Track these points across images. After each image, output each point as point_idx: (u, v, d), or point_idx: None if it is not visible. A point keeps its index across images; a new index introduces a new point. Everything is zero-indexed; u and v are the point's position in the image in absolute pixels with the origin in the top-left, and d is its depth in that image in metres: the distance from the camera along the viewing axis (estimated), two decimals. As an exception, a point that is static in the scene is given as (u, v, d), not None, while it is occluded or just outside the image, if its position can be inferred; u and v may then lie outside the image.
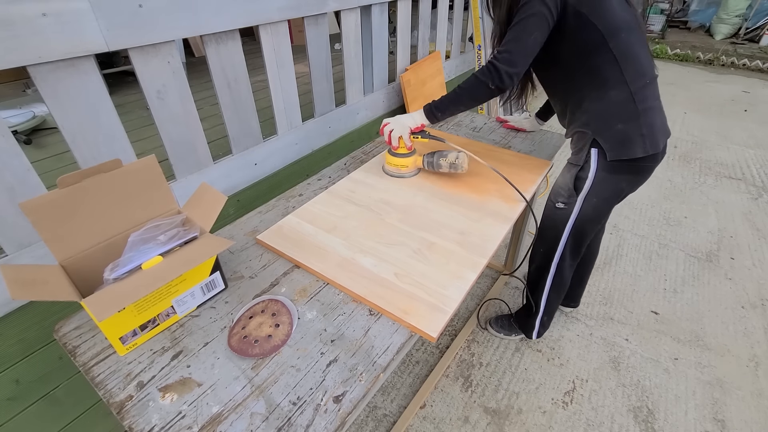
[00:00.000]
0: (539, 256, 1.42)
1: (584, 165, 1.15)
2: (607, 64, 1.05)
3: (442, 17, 2.53)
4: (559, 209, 1.26)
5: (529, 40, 1.01)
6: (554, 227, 1.30)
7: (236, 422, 0.65)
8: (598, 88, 1.08)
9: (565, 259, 1.35)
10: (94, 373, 0.72)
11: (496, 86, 1.05)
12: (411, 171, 1.30)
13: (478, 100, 1.12)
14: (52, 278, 0.71)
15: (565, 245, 1.31)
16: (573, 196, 1.21)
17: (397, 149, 1.26)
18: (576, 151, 1.19)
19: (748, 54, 5.10)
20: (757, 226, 2.40)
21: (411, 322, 0.81)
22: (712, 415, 1.45)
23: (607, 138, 1.10)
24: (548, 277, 1.41)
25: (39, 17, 0.87)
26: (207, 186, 0.91)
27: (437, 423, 1.43)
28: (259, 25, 1.36)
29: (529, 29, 1.01)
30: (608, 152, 1.10)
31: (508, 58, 1.02)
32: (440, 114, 1.18)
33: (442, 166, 1.24)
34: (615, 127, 1.08)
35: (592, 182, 1.16)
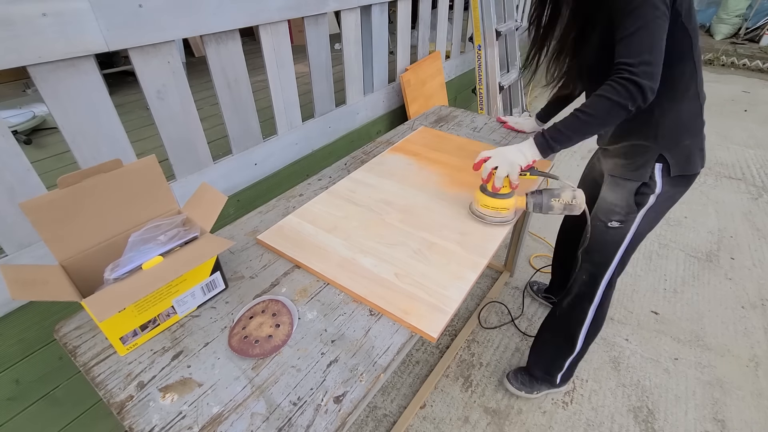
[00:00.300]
0: (580, 285, 1.26)
1: (649, 181, 1.05)
2: (688, 74, 0.96)
3: (442, 17, 2.52)
4: (612, 228, 1.13)
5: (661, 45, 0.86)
6: (605, 249, 1.17)
7: (237, 422, 0.65)
8: (672, 100, 0.98)
9: (612, 285, 1.22)
10: (95, 373, 0.72)
11: (637, 107, 0.88)
12: (512, 215, 1.07)
13: (611, 124, 0.94)
14: (52, 278, 0.71)
15: (615, 267, 1.18)
16: (633, 212, 1.10)
17: (498, 190, 1.02)
18: (635, 166, 1.07)
19: (748, 54, 5.10)
20: (757, 226, 2.40)
21: (411, 322, 0.81)
22: (712, 415, 1.45)
23: (675, 153, 1.01)
24: (591, 308, 1.25)
25: (39, 17, 0.87)
26: (207, 186, 0.91)
27: (437, 423, 1.43)
28: (259, 25, 1.35)
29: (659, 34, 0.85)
30: (673, 167, 1.02)
31: (650, 72, 0.85)
32: (559, 147, 0.99)
33: (553, 208, 1.02)
34: (683, 142, 1.01)
35: (657, 197, 1.07)
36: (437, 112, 1.83)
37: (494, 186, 1.02)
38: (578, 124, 0.94)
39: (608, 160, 1.17)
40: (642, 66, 0.85)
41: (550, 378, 1.44)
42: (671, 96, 0.97)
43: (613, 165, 1.14)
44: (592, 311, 1.26)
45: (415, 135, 1.58)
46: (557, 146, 0.98)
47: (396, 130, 1.66)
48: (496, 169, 1.01)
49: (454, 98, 2.92)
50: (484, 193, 1.05)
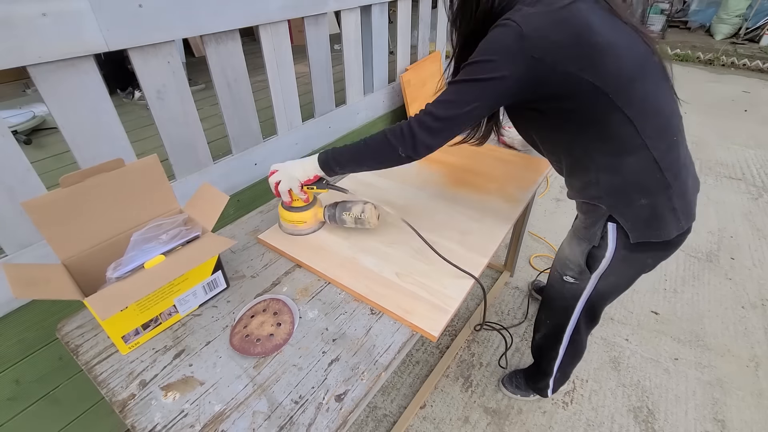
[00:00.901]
0: (546, 326, 1.24)
1: (600, 243, 0.92)
2: (619, 128, 0.78)
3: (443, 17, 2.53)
4: (567, 282, 1.05)
5: (467, 110, 0.78)
6: (562, 300, 1.10)
7: (238, 421, 0.65)
8: (608, 156, 0.83)
9: (579, 331, 1.16)
10: (97, 372, 0.72)
11: (407, 155, 0.83)
12: (311, 227, 1.07)
13: (383, 164, 0.89)
14: (54, 277, 0.71)
15: (578, 320, 1.11)
16: (585, 273, 1.00)
17: (290, 203, 1.03)
18: (587, 225, 0.94)
19: (749, 54, 5.11)
20: (757, 226, 2.40)
21: (412, 321, 0.81)
22: (712, 415, 1.45)
23: (629, 217, 0.86)
24: (560, 349, 1.22)
25: (39, 17, 0.87)
26: (209, 186, 0.91)
27: (437, 423, 1.43)
28: (259, 25, 1.36)
29: (468, 97, 0.77)
30: (631, 233, 0.87)
31: (430, 125, 0.80)
32: (338, 168, 0.94)
33: (345, 222, 1.03)
34: (637, 202, 0.84)
35: (610, 262, 0.94)
36: (437, 112, 1.82)
37: (282, 199, 1.03)
38: (356, 151, 0.90)
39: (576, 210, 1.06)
40: (427, 118, 0.80)
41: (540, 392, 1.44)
42: (609, 152, 0.82)
43: (576, 219, 1.05)
44: (562, 351, 1.23)
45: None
46: (337, 168, 0.94)
47: (396, 130, 1.66)
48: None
49: (454, 98, 2.91)
50: (282, 206, 1.06)
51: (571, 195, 1.00)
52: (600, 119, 0.79)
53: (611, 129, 0.79)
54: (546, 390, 1.40)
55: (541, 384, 1.40)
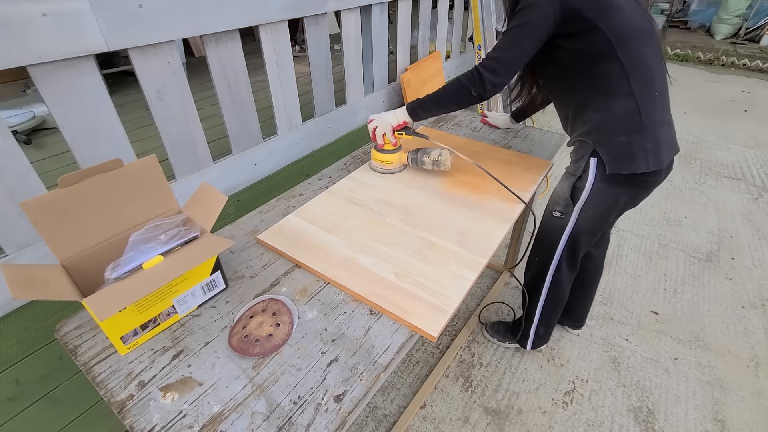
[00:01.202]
0: (535, 265, 1.38)
1: (582, 174, 1.11)
2: (613, 74, 0.99)
3: (442, 17, 2.53)
4: (555, 218, 1.22)
5: (520, 49, 0.98)
6: (551, 236, 1.26)
7: (237, 421, 0.65)
8: (602, 97, 1.03)
9: (561, 270, 1.31)
10: (95, 373, 0.72)
11: (478, 94, 1.03)
12: (396, 167, 1.31)
13: (459, 104, 1.10)
14: (53, 278, 0.71)
15: (561, 255, 1.27)
16: (570, 205, 1.16)
17: (382, 146, 1.27)
18: (575, 160, 1.14)
19: (749, 54, 5.11)
20: (757, 226, 2.40)
21: (411, 321, 0.81)
22: (712, 415, 1.45)
23: (608, 150, 1.05)
24: (544, 288, 1.37)
25: (39, 17, 0.87)
26: (208, 186, 0.91)
27: (437, 423, 1.43)
28: (259, 25, 1.36)
29: (521, 38, 0.98)
30: (608, 165, 1.05)
31: (494, 67, 1.00)
32: (422, 113, 1.16)
33: (425, 163, 1.26)
34: (618, 139, 1.03)
35: (589, 193, 1.11)
36: (437, 112, 1.82)
37: (376, 141, 1.27)
38: (436, 97, 1.12)
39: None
40: (491, 62, 1.01)
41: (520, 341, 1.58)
42: (600, 94, 1.04)
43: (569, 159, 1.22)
44: (545, 291, 1.37)
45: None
46: (421, 112, 1.17)
47: (396, 130, 1.66)
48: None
49: (454, 98, 2.91)
50: (375, 149, 1.30)
51: (570, 139, 1.19)
52: (601, 63, 0.99)
53: (608, 73, 1.00)
54: (526, 340, 1.54)
55: (523, 332, 1.54)
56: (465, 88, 1.04)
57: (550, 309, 1.43)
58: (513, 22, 0.98)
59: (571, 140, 1.19)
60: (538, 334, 1.51)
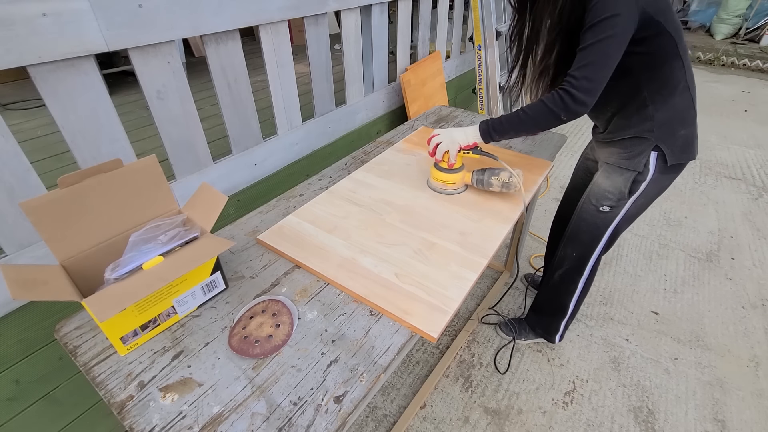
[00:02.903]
0: (570, 260, 1.37)
1: (643, 169, 1.12)
2: (677, 71, 1.02)
3: (442, 17, 2.52)
4: (603, 212, 1.22)
5: (608, 63, 0.92)
6: (594, 230, 1.27)
7: (237, 422, 0.65)
8: (664, 95, 1.04)
9: (599, 260, 1.34)
10: (95, 373, 0.72)
11: (568, 117, 0.97)
12: (458, 188, 1.21)
13: (543, 128, 1.04)
14: (52, 278, 0.71)
15: (603, 246, 1.29)
16: (624, 199, 1.18)
17: (440, 163, 1.18)
18: (631, 155, 1.13)
19: (749, 54, 5.10)
20: (757, 226, 2.40)
21: (412, 322, 0.81)
22: (712, 415, 1.45)
23: (670, 144, 1.08)
24: (581, 280, 1.38)
25: (39, 17, 0.87)
26: (207, 186, 0.91)
27: (437, 423, 1.43)
28: (259, 25, 1.35)
29: (611, 52, 0.91)
30: (670, 157, 1.08)
31: (588, 88, 0.92)
32: (498, 136, 1.10)
33: (492, 185, 1.16)
34: (678, 132, 1.07)
35: (647, 185, 1.14)
36: (437, 112, 1.83)
37: (436, 158, 1.18)
38: (517, 121, 1.05)
39: (604, 149, 1.23)
40: (584, 81, 0.92)
41: (549, 337, 1.63)
42: (665, 93, 1.04)
43: (608, 154, 1.20)
44: (582, 283, 1.39)
45: (415, 135, 1.58)
46: (496, 135, 1.10)
47: (396, 130, 1.66)
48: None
49: (454, 98, 2.92)
50: (436, 168, 1.20)
51: (614, 136, 1.16)
52: (667, 63, 1.00)
53: (672, 72, 1.01)
54: (556, 334, 1.58)
55: (553, 326, 1.56)
56: (553, 113, 0.97)
57: (582, 298, 1.46)
58: (596, 35, 0.90)
59: (617, 137, 1.16)
60: (566, 327, 1.54)
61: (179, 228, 0.84)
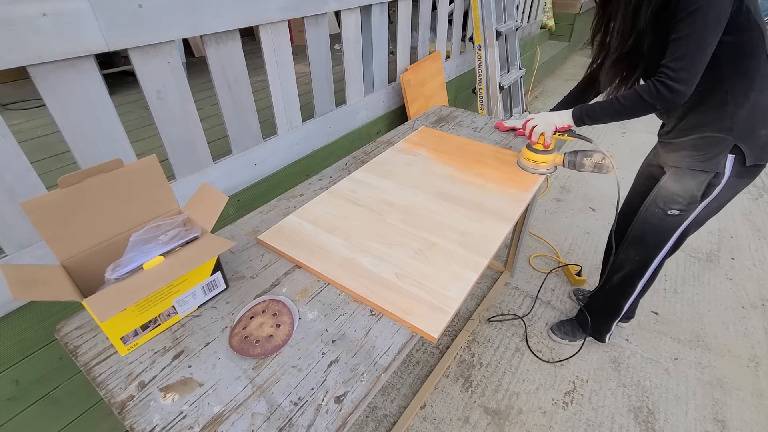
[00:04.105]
0: (632, 263, 1.36)
1: (721, 171, 1.09)
2: (763, 66, 0.98)
3: (442, 17, 2.53)
4: (671, 216, 1.21)
5: (705, 53, 0.91)
6: (660, 233, 1.26)
7: (237, 422, 0.65)
8: (746, 91, 1.01)
9: (663, 263, 1.33)
10: (96, 373, 0.72)
11: (664, 108, 0.99)
12: (549, 168, 1.28)
13: (637, 116, 1.06)
14: (53, 278, 0.71)
15: (668, 249, 1.28)
16: (695, 203, 1.15)
17: (535, 144, 1.25)
18: (707, 157, 1.10)
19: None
20: (757, 226, 2.40)
21: (412, 322, 0.81)
22: (712, 415, 1.45)
23: (750, 143, 1.04)
24: (640, 283, 1.38)
25: (39, 17, 0.87)
26: (208, 186, 0.91)
27: (437, 423, 1.43)
28: (259, 25, 1.35)
29: (704, 40, 0.90)
30: (749, 158, 1.05)
31: (686, 78, 0.93)
32: (590, 122, 1.14)
33: (584, 166, 1.22)
34: (759, 132, 1.04)
35: (722, 188, 1.11)
36: (437, 112, 1.83)
37: (531, 139, 1.24)
38: (612, 109, 1.08)
39: (673, 153, 1.21)
40: (681, 72, 0.93)
41: (599, 336, 1.64)
42: (747, 88, 1.01)
43: (679, 157, 1.18)
44: (641, 285, 1.39)
45: (415, 135, 1.58)
46: (588, 120, 1.15)
47: (396, 130, 1.66)
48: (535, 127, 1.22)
49: (454, 98, 2.92)
50: (529, 149, 1.28)
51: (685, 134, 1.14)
52: (752, 56, 0.97)
53: (757, 67, 0.98)
54: (606, 334, 1.60)
55: (604, 327, 1.58)
56: (647, 104, 0.99)
57: (638, 300, 1.46)
58: (692, 25, 0.90)
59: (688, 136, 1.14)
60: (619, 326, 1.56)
61: (180, 228, 0.84)
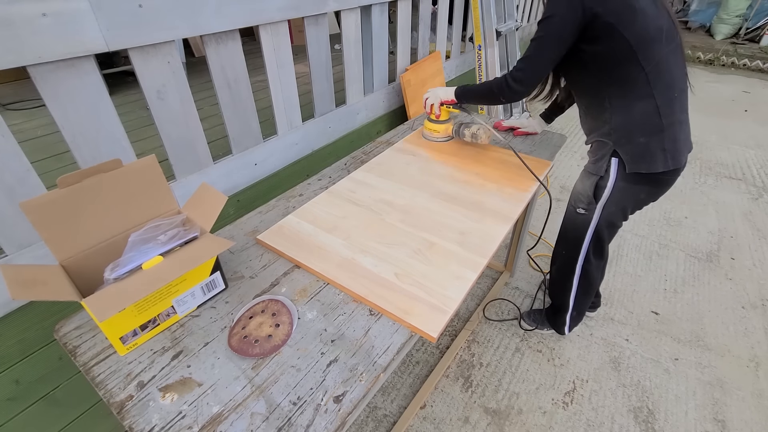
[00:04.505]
0: (561, 258, 1.44)
1: (604, 174, 1.16)
2: (634, 76, 1.02)
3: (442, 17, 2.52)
4: (580, 215, 1.29)
5: (543, 59, 1.04)
6: (576, 231, 1.33)
7: (236, 422, 0.65)
8: (622, 99, 1.07)
9: (590, 261, 1.37)
10: (95, 373, 0.72)
11: (506, 99, 1.13)
12: (442, 137, 1.50)
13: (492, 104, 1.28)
14: (52, 278, 0.71)
15: (588, 248, 1.34)
16: (592, 203, 1.23)
17: (429, 114, 1.47)
18: (595, 160, 1.19)
19: (749, 54, 5.10)
20: (757, 226, 2.40)
21: (411, 322, 0.81)
22: (712, 415, 1.44)
23: (628, 150, 1.10)
24: (574, 279, 1.43)
25: (39, 17, 0.87)
26: (207, 186, 0.91)
27: (437, 423, 1.43)
28: (259, 25, 1.35)
29: (544, 48, 1.02)
30: (627, 165, 1.10)
31: (519, 77, 1.07)
32: (464, 99, 1.32)
33: (465, 135, 1.42)
34: (637, 140, 1.08)
35: (611, 191, 1.17)
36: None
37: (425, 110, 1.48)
38: (475, 92, 1.27)
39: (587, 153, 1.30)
40: (517, 72, 1.07)
41: (557, 329, 1.68)
42: (620, 96, 1.07)
43: (587, 158, 1.27)
44: (576, 281, 1.44)
45: (415, 135, 1.58)
46: (463, 99, 1.33)
47: (396, 130, 1.66)
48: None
49: (454, 98, 2.91)
50: (428, 120, 1.51)
51: (589, 138, 1.24)
52: (622, 66, 1.02)
53: (629, 76, 1.02)
54: (563, 327, 1.63)
55: (559, 321, 1.62)
56: (494, 94, 1.15)
57: (582, 297, 1.50)
58: (538, 32, 1.02)
59: (589, 140, 1.24)
60: (572, 320, 1.59)
61: (179, 228, 0.84)
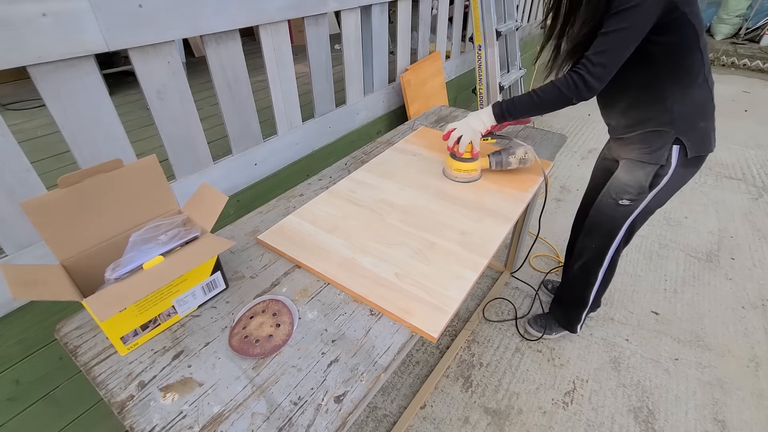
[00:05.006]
0: (590, 252, 1.41)
1: (665, 163, 1.15)
2: (697, 63, 1.04)
3: (442, 17, 2.52)
4: (622, 206, 1.26)
5: (624, 53, 0.97)
6: (612, 222, 1.31)
7: (237, 422, 0.65)
8: (684, 88, 1.07)
9: (619, 251, 1.37)
10: (95, 373, 0.72)
11: (579, 100, 1.02)
12: (478, 175, 1.27)
13: (554, 110, 1.10)
14: (53, 278, 0.71)
15: (621, 238, 1.32)
16: (644, 193, 1.21)
17: (461, 155, 1.21)
18: (651, 150, 1.16)
19: (749, 54, 5.10)
20: (757, 226, 2.40)
21: (412, 322, 0.81)
22: (712, 415, 1.45)
23: (691, 137, 1.11)
24: (600, 272, 1.42)
25: (39, 17, 0.87)
26: (208, 186, 0.91)
27: (437, 423, 1.43)
28: (259, 25, 1.35)
29: (627, 42, 0.95)
30: (690, 150, 1.11)
31: (601, 74, 0.97)
32: (511, 118, 1.15)
33: (511, 164, 1.25)
34: (698, 125, 1.11)
35: (669, 178, 1.17)
36: (437, 112, 1.83)
37: (459, 152, 1.21)
38: (530, 103, 1.09)
39: (624, 147, 1.26)
40: (598, 67, 0.97)
41: (570, 327, 1.66)
42: (684, 84, 1.06)
43: (629, 150, 1.24)
44: (602, 274, 1.43)
45: (415, 135, 1.58)
46: (509, 117, 1.14)
47: (396, 130, 1.66)
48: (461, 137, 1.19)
49: (454, 98, 2.92)
50: (454, 159, 1.24)
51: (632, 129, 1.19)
52: (687, 55, 1.02)
53: (693, 64, 1.03)
54: (577, 325, 1.62)
55: (575, 318, 1.60)
56: (565, 97, 1.02)
57: (601, 291, 1.49)
58: (616, 24, 0.94)
59: (634, 131, 1.19)
60: (586, 317, 1.59)
61: (179, 228, 0.84)
